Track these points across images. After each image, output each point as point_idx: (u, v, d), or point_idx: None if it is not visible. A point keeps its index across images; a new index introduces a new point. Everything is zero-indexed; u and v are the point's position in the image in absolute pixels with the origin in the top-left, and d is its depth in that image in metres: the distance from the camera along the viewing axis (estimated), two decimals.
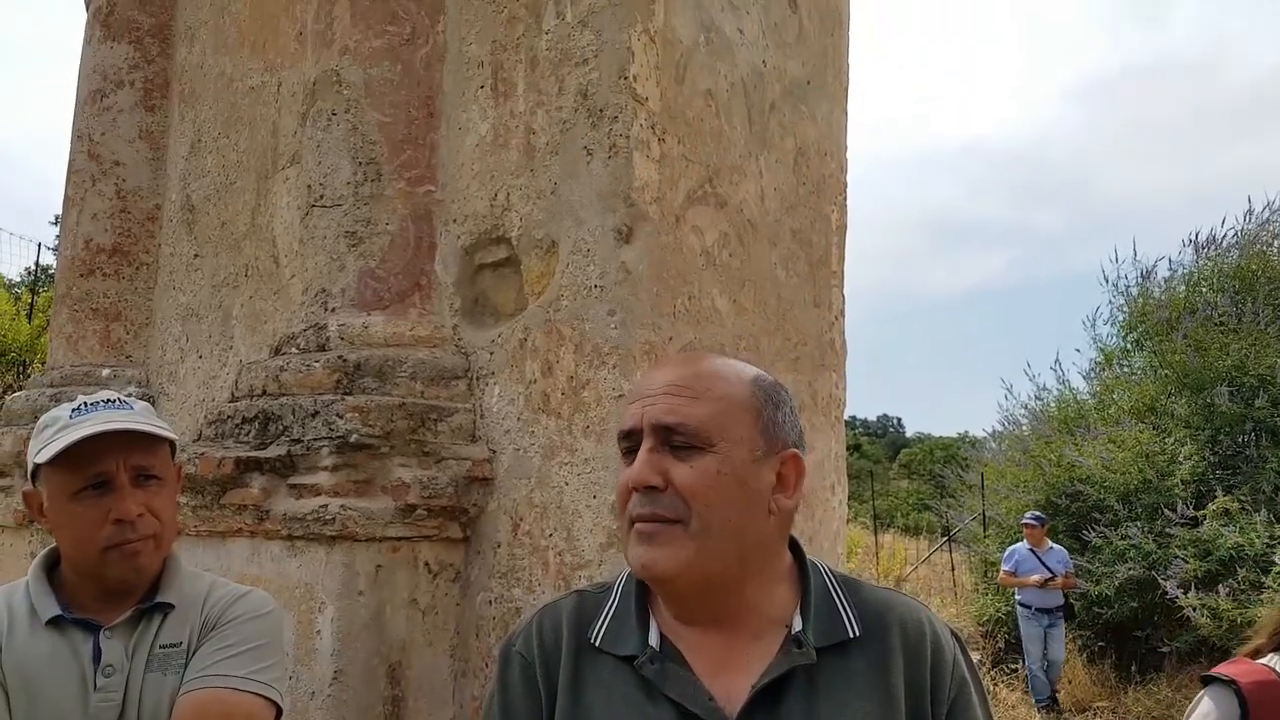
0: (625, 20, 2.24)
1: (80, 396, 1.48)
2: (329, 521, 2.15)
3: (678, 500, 1.07)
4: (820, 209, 2.90)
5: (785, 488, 1.12)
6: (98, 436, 1.39)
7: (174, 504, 1.51)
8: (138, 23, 3.57)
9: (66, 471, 1.40)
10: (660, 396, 1.10)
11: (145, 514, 1.42)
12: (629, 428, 1.12)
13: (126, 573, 1.42)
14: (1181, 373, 10.18)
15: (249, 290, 3.08)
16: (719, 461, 1.07)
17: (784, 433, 1.14)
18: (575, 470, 2.22)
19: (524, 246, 2.47)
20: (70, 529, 1.42)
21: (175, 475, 1.52)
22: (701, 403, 1.09)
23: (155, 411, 1.58)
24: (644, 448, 1.09)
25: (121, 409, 1.45)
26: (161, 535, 1.45)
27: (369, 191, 2.58)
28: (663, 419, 1.08)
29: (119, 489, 1.41)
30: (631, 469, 1.09)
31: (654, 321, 2.32)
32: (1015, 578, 8.57)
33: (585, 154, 2.33)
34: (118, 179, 3.43)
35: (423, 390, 2.42)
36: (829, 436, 2.79)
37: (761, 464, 1.10)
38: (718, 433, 1.08)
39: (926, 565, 15.37)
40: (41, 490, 1.45)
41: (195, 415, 3.13)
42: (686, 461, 1.07)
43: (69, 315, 3.37)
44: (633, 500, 1.09)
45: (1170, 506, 9.40)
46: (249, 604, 1.50)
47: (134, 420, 1.43)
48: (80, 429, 1.39)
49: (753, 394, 1.13)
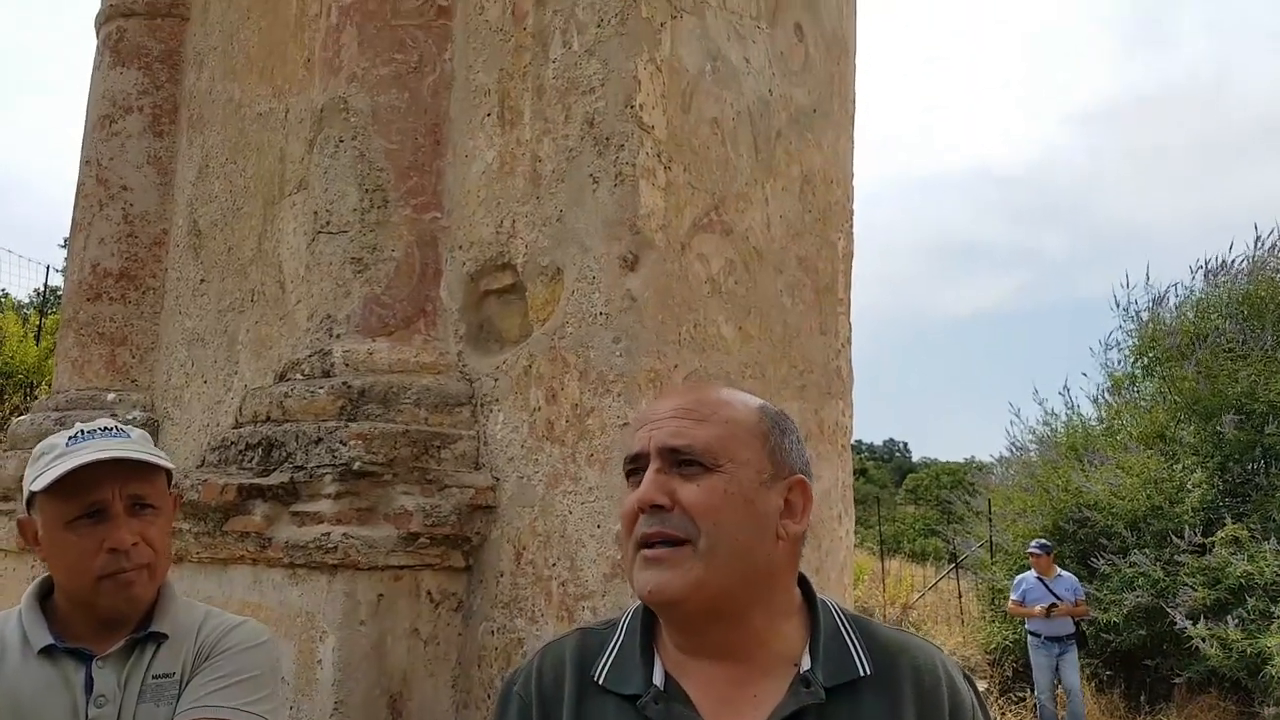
0: (632, 50, 2.25)
1: (78, 424, 1.47)
2: (331, 550, 2.14)
3: (685, 520, 1.05)
4: (827, 236, 2.89)
5: (793, 513, 1.11)
6: (93, 465, 1.37)
7: (169, 533, 1.49)
8: (147, 49, 3.60)
9: (61, 500, 1.39)
10: (667, 420, 1.10)
11: (140, 543, 1.41)
12: (635, 452, 1.11)
13: (120, 602, 1.40)
14: (1191, 399, 10.13)
15: (255, 315, 3.08)
16: (726, 481, 1.06)
17: (791, 459, 1.13)
18: (579, 499, 2.21)
19: (529, 273, 2.46)
20: (64, 558, 1.40)
21: (171, 504, 1.50)
22: (709, 425, 1.09)
23: (153, 439, 1.57)
24: (651, 469, 1.08)
25: (118, 437, 1.44)
26: (156, 565, 1.43)
27: (375, 218, 2.58)
28: (670, 441, 1.08)
29: (114, 518, 1.39)
30: (639, 489, 1.09)
31: (659, 349, 2.31)
32: (1023, 607, 8.45)
33: (591, 182, 2.33)
34: (125, 204, 3.45)
35: (426, 417, 2.41)
36: (835, 465, 2.77)
37: (769, 487, 1.09)
38: (725, 453, 1.07)
39: (933, 592, 15.24)
40: (36, 518, 1.43)
41: (199, 440, 3.12)
42: (693, 481, 1.07)
43: (75, 339, 3.38)
44: (639, 521, 1.08)
45: (1178, 533, 9.33)
46: (243, 634, 1.48)
47: (130, 449, 1.42)
48: (76, 457, 1.38)
49: (760, 419, 1.12)
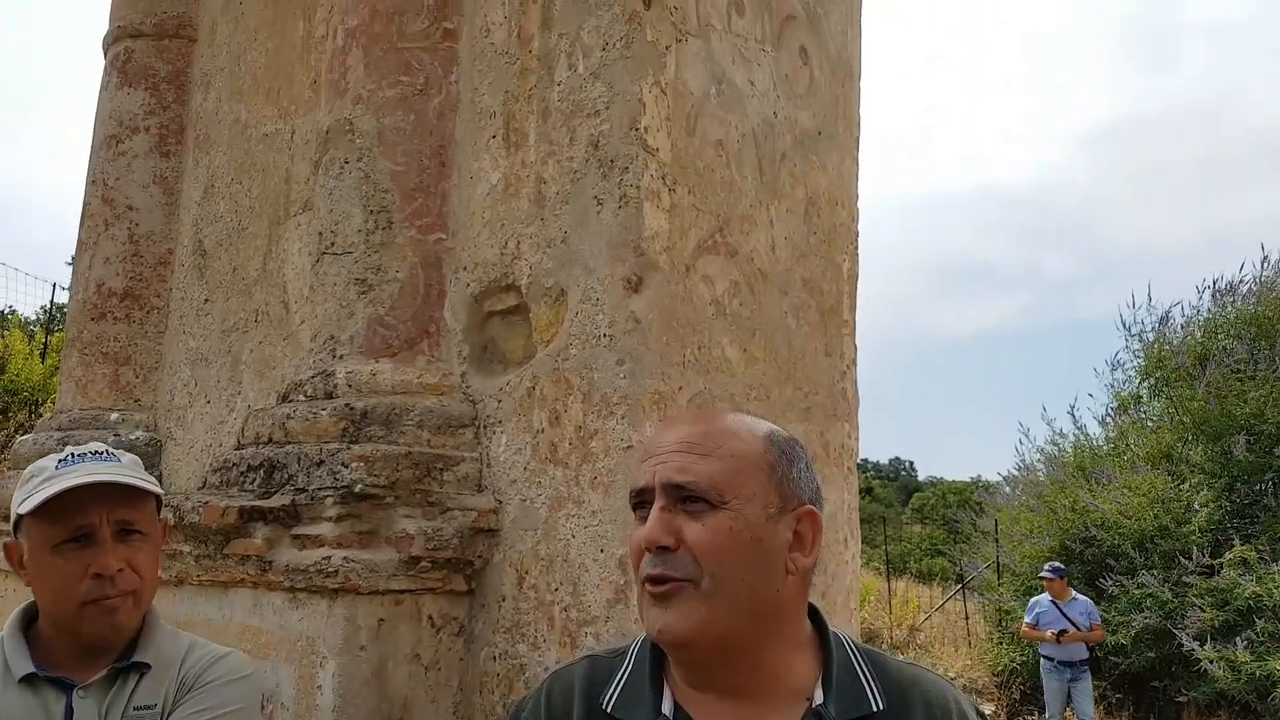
0: (637, 73, 2.25)
1: (68, 447, 1.46)
2: (331, 574, 2.12)
3: (690, 560, 1.04)
4: (831, 258, 2.89)
5: (802, 546, 1.09)
6: (81, 488, 1.36)
7: (156, 560, 1.47)
8: (155, 70, 3.62)
9: (48, 523, 1.37)
10: (671, 455, 1.08)
11: (126, 569, 1.39)
12: (640, 486, 1.10)
13: (103, 629, 1.38)
14: (1199, 420, 10.09)
15: (258, 336, 3.08)
16: (732, 519, 1.04)
17: (799, 489, 1.11)
18: (582, 523, 2.19)
19: (533, 294, 2.46)
20: (49, 582, 1.38)
21: (160, 531, 1.48)
22: (713, 460, 1.07)
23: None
24: (655, 506, 1.07)
25: (108, 461, 1.42)
26: (141, 592, 1.41)
27: (380, 239, 2.58)
28: (674, 478, 1.06)
29: (100, 543, 1.37)
30: (643, 529, 1.07)
31: (663, 371, 2.29)
32: (1035, 630, 8.31)
33: (596, 204, 2.33)
34: (131, 223, 3.45)
35: (429, 439, 2.39)
36: (841, 488, 2.75)
37: (776, 521, 1.07)
38: (730, 490, 1.05)
39: (940, 614, 15.13)
40: (22, 542, 1.42)
41: (202, 460, 3.11)
42: (698, 520, 1.05)
43: (79, 359, 3.37)
44: (645, 560, 1.06)
45: (1186, 554, 9.27)
46: (227, 666, 1.46)
47: (120, 473, 1.40)
48: (64, 480, 1.36)
49: (766, 450, 1.10)
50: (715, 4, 2.43)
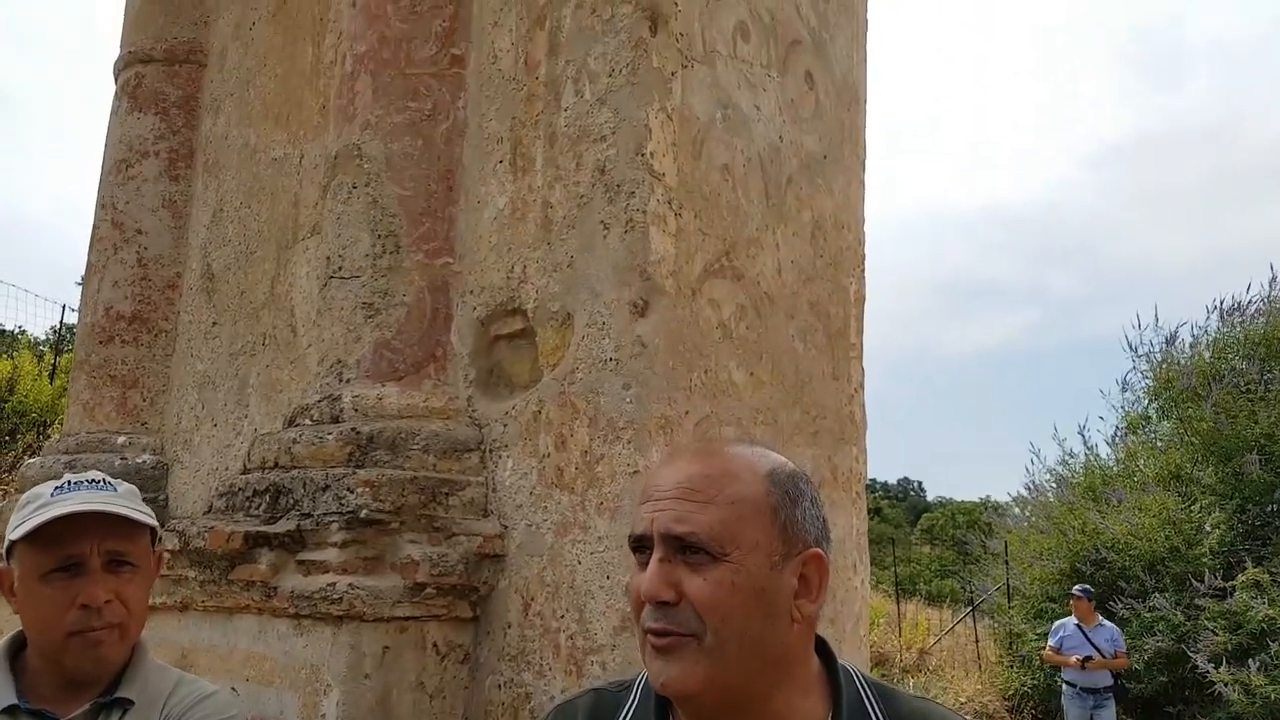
0: (643, 99, 2.26)
1: (67, 475, 1.45)
2: (336, 600, 2.11)
3: (692, 614, 1.01)
4: (838, 281, 2.88)
5: (808, 591, 1.06)
6: (73, 517, 1.34)
7: (146, 593, 1.44)
8: (165, 94, 3.65)
9: (38, 551, 1.35)
10: (669, 501, 1.04)
11: (114, 601, 1.36)
12: (639, 533, 1.06)
13: (87, 662, 1.36)
14: (1208, 440, 10.03)
15: (266, 359, 3.08)
16: (734, 572, 1.01)
17: (804, 531, 1.07)
18: (588, 549, 2.18)
19: (540, 318, 2.46)
20: (36, 611, 1.36)
21: (153, 564, 1.45)
22: (713, 507, 1.02)
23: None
24: (654, 557, 1.03)
25: (104, 490, 1.40)
26: (128, 625, 1.39)
27: (387, 263, 2.59)
28: (672, 528, 1.02)
29: (90, 573, 1.35)
30: (643, 581, 1.04)
31: (669, 395, 2.29)
32: (1059, 655, 8.17)
33: (602, 228, 2.33)
34: (140, 247, 3.47)
35: (435, 463, 2.39)
36: (850, 513, 2.73)
37: (781, 569, 1.04)
38: (731, 540, 1.01)
39: (950, 636, 15.00)
40: (14, 568, 1.40)
41: (209, 484, 3.11)
42: (699, 573, 1.01)
43: (87, 382, 3.38)
44: (645, 612, 1.03)
45: (1198, 576, 9.18)
46: (212, 706, 1.43)
47: (114, 503, 1.38)
48: (57, 507, 1.34)
49: (769, 492, 1.06)
50: (721, 30, 2.44)
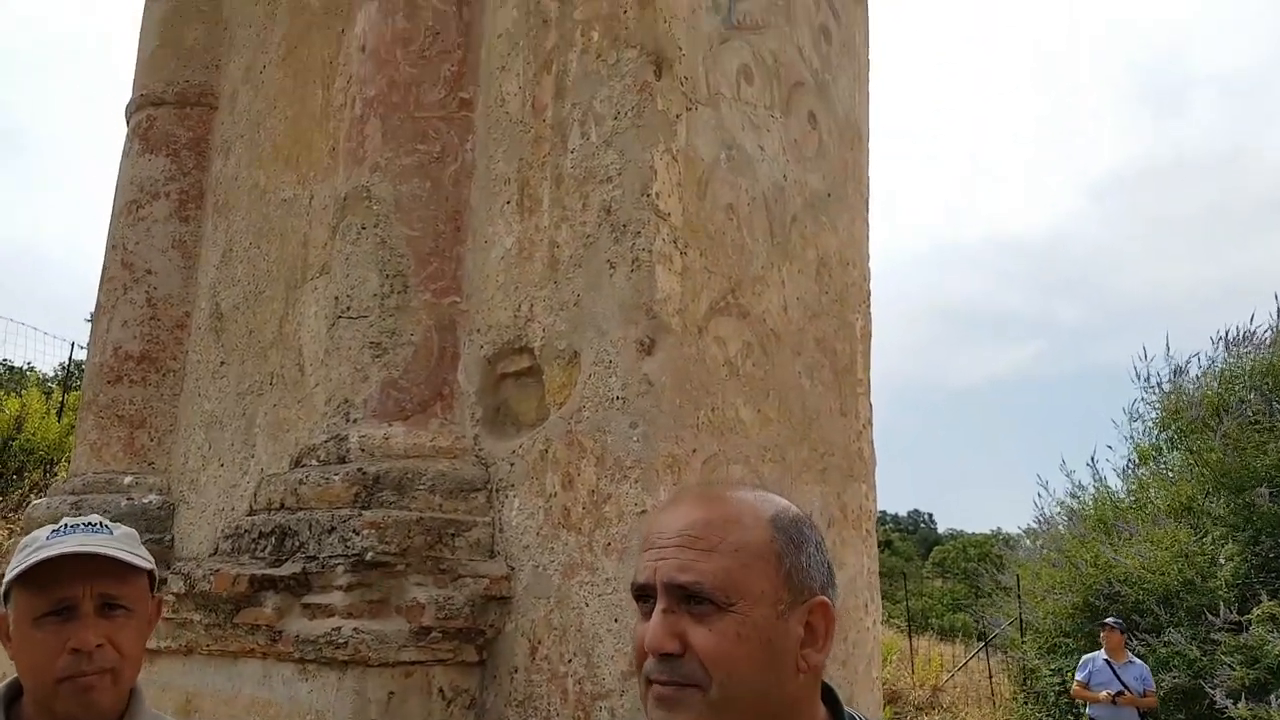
0: (648, 141, 2.28)
1: (65, 518, 1.44)
2: (341, 645, 2.09)
3: (697, 667, 0.98)
4: (844, 317, 2.89)
5: (814, 640, 1.03)
6: (65, 560, 1.32)
7: (141, 639, 1.40)
8: (176, 137, 3.69)
9: (32, 595, 1.33)
10: (672, 549, 1.01)
11: (105, 645, 1.33)
12: (642, 582, 1.03)
13: (78, 708, 1.32)
14: (1219, 472, 9.95)
15: (273, 398, 3.09)
16: (739, 623, 0.99)
17: (810, 578, 1.04)
18: (596, 590, 2.16)
19: (546, 356, 2.46)
20: (28, 656, 1.34)
21: (151, 609, 1.42)
22: (717, 556, 1.00)
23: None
24: (658, 608, 1.00)
25: (99, 533, 1.38)
26: (121, 670, 1.35)
27: (395, 303, 2.60)
28: (676, 577, 1.00)
29: (81, 617, 1.32)
30: (646, 632, 1.01)
31: (677, 434, 2.28)
32: (1088, 690, 8.01)
33: (608, 267, 2.34)
34: (149, 287, 3.50)
35: (441, 503, 2.38)
36: (860, 551, 2.71)
37: (787, 618, 1.01)
38: (736, 590, 0.99)
39: (963, 672, 14.80)
40: (9, 613, 1.38)
41: (215, 524, 3.10)
42: (704, 624, 0.99)
43: (94, 422, 3.39)
44: (649, 663, 1.01)
45: (1212, 610, 9.07)
46: None
47: (107, 545, 1.36)
48: (49, 550, 1.32)
49: (773, 539, 1.03)
50: (725, 73, 2.47)
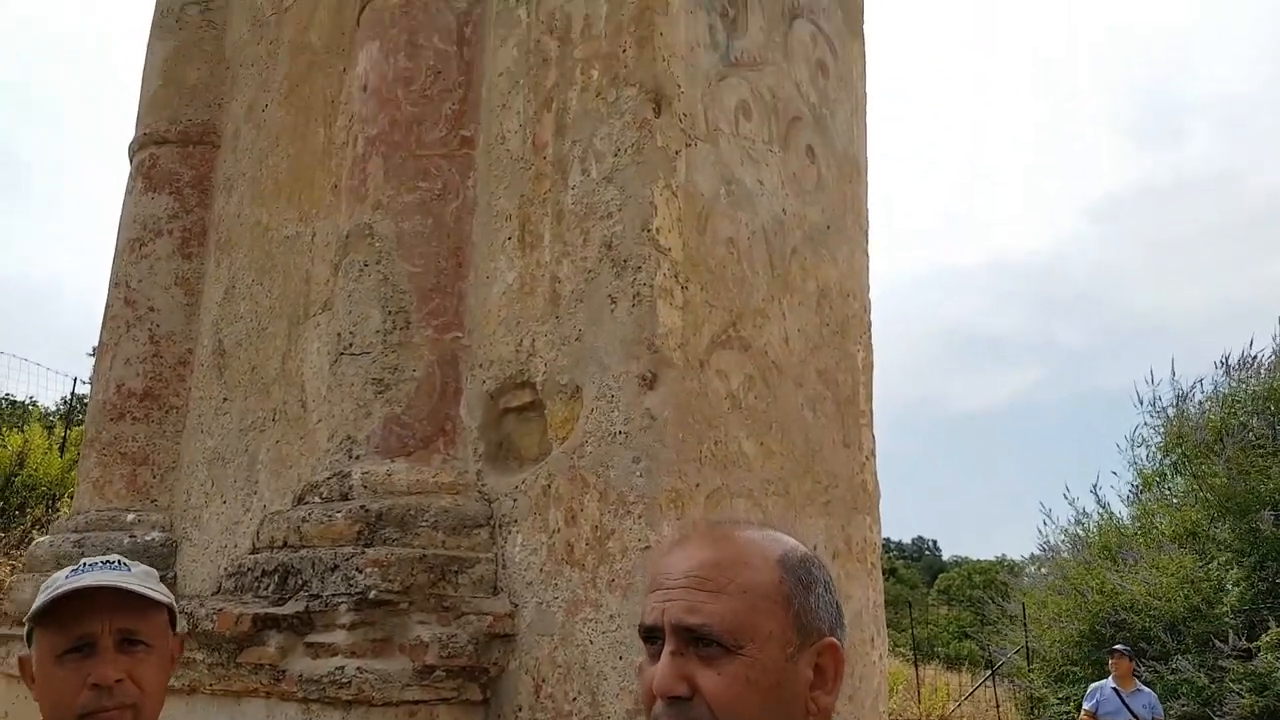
0: (648, 177, 2.30)
1: (84, 558, 1.45)
2: (345, 685, 2.08)
3: (705, 711, 0.98)
4: (845, 349, 2.89)
5: (824, 682, 1.03)
6: (84, 596, 1.33)
7: (163, 675, 1.41)
8: (179, 175, 3.73)
9: (53, 632, 1.34)
10: (680, 590, 1.01)
11: (126, 681, 1.33)
12: (650, 623, 1.04)
13: None
14: (1223, 496, 9.92)
15: (276, 435, 3.09)
16: (748, 666, 0.98)
17: (819, 619, 1.04)
18: (600, 628, 2.15)
19: (548, 391, 2.47)
20: (50, 693, 1.34)
21: (172, 646, 1.43)
22: (726, 597, 1.00)
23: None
24: (666, 650, 1.01)
25: (117, 569, 1.39)
26: (141, 706, 1.35)
27: (397, 339, 2.61)
28: (684, 619, 1.00)
29: (101, 652, 1.33)
30: (655, 675, 1.01)
31: (680, 468, 2.28)
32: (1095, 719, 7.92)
33: (610, 302, 2.35)
34: (152, 324, 3.51)
35: (444, 540, 2.37)
36: (865, 585, 2.70)
37: (796, 660, 1.01)
38: (746, 632, 0.99)
39: (970, 702, 14.65)
40: (32, 654, 1.39)
41: (217, 561, 3.09)
42: (714, 667, 0.98)
43: (97, 459, 3.39)
44: (658, 706, 1.00)
45: (1220, 636, 9.00)
46: None
47: (124, 580, 1.37)
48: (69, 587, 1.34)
49: (781, 580, 1.03)
50: (723, 109, 2.50)
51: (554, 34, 2.59)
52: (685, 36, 2.43)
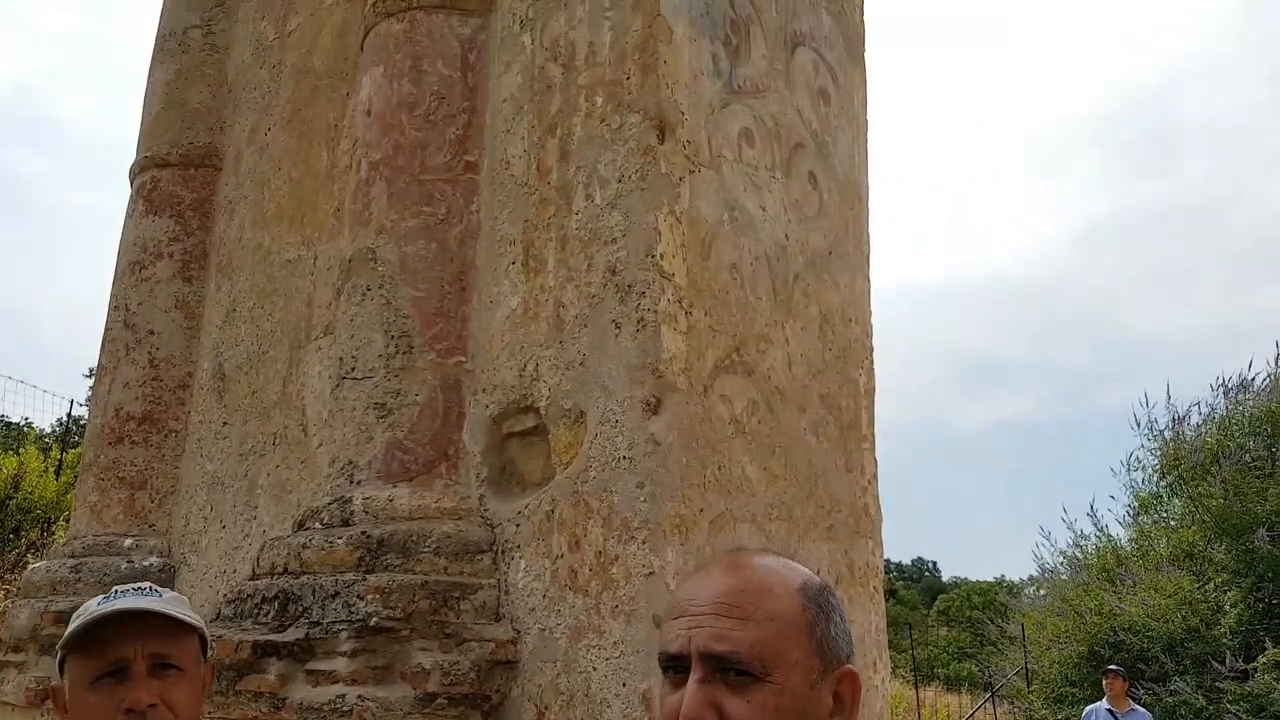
0: (652, 203, 2.31)
1: (115, 586, 1.45)
2: (346, 713, 2.06)
3: None
4: (847, 373, 2.90)
5: (842, 709, 1.03)
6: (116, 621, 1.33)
7: (196, 699, 1.41)
8: (180, 198, 3.73)
9: (85, 659, 1.35)
10: (707, 617, 1.01)
11: (159, 706, 1.33)
12: (674, 651, 1.03)
13: None
14: (1220, 517, 9.93)
15: (276, 459, 3.08)
16: (776, 694, 0.98)
17: (838, 646, 1.05)
18: (603, 654, 2.13)
19: (552, 416, 2.46)
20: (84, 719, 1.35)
21: (205, 672, 1.43)
22: (752, 625, 1.00)
23: (187, 602, 1.52)
24: (693, 678, 1.00)
25: (149, 596, 1.40)
26: None
27: (400, 363, 2.60)
28: (713, 647, 1.00)
29: (134, 677, 1.33)
30: (683, 703, 1.00)
31: (684, 493, 2.27)
32: None
33: (614, 327, 2.36)
34: (151, 347, 3.50)
35: (446, 566, 2.36)
36: (868, 609, 2.69)
37: (819, 688, 1.01)
38: (773, 660, 0.99)
39: None
40: (64, 682, 1.39)
41: (216, 587, 3.07)
42: (742, 695, 0.98)
43: (95, 484, 3.37)
44: None
45: (1217, 657, 8.98)
46: None
47: (156, 605, 1.37)
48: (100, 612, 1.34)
49: (804, 608, 1.04)
50: (726, 136, 2.51)
51: (558, 60, 2.60)
52: (688, 64, 2.45)
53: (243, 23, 3.90)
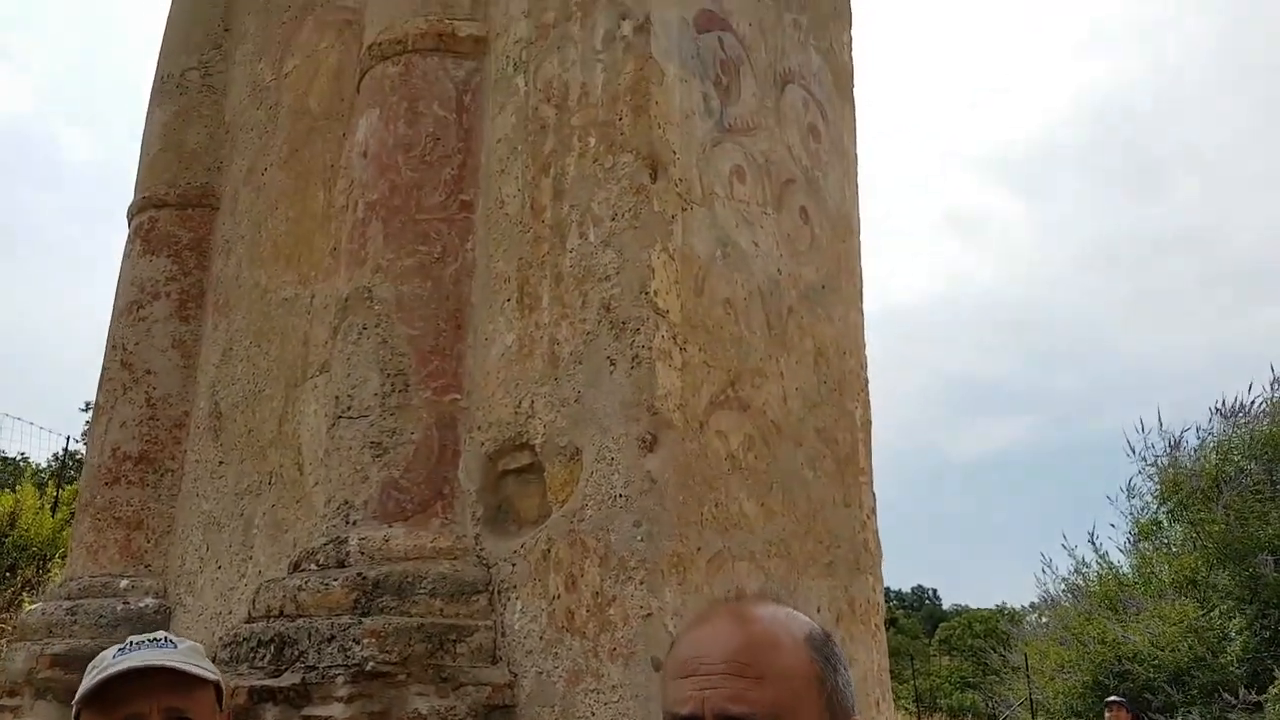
0: (645, 241, 2.32)
1: (130, 637, 1.44)
2: None
3: None
4: (843, 406, 2.90)
5: None
6: (132, 676, 1.32)
7: None
8: (177, 238, 3.75)
9: (100, 713, 1.34)
10: (720, 677, 1.01)
11: None
12: (688, 714, 1.02)
13: None
14: (1221, 543, 9.88)
15: (271, 499, 3.07)
16: None
17: (845, 698, 1.06)
18: (601, 699, 2.11)
19: (548, 453, 2.46)
20: None
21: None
22: (767, 685, 1.00)
23: (202, 650, 1.51)
24: None
25: (164, 648, 1.39)
26: None
27: (396, 402, 2.60)
28: (728, 709, 0.99)
29: None
30: None
31: (681, 531, 2.27)
32: None
33: (609, 364, 2.36)
34: (148, 387, 3.50)
35: (442, 607, 2.34)
36: (870, 647, 2.67)
37: None
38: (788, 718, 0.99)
39: None
40: None
41: (212, 628, 3.05)
42: None
43: (91, 524, 3.36)
44: None
45: (1226, 687, 8.89)
46: None
47: (172, 659, 1.37)
48: (116, 668, 1.33)
49: (812, 661, 1.04)
50: (718, 174, 2.53)
51: (551, 102, 2.63)
52: (680, 104, 2.48)
53: (240, 65, 3.94)
